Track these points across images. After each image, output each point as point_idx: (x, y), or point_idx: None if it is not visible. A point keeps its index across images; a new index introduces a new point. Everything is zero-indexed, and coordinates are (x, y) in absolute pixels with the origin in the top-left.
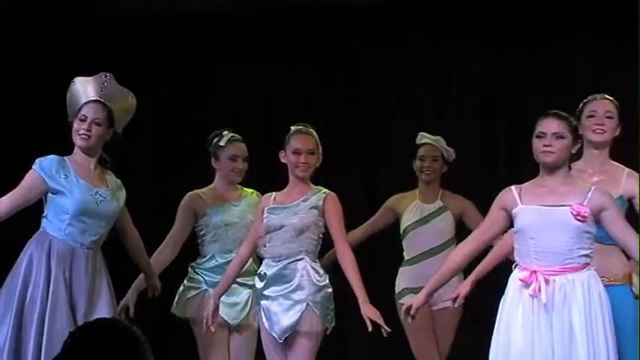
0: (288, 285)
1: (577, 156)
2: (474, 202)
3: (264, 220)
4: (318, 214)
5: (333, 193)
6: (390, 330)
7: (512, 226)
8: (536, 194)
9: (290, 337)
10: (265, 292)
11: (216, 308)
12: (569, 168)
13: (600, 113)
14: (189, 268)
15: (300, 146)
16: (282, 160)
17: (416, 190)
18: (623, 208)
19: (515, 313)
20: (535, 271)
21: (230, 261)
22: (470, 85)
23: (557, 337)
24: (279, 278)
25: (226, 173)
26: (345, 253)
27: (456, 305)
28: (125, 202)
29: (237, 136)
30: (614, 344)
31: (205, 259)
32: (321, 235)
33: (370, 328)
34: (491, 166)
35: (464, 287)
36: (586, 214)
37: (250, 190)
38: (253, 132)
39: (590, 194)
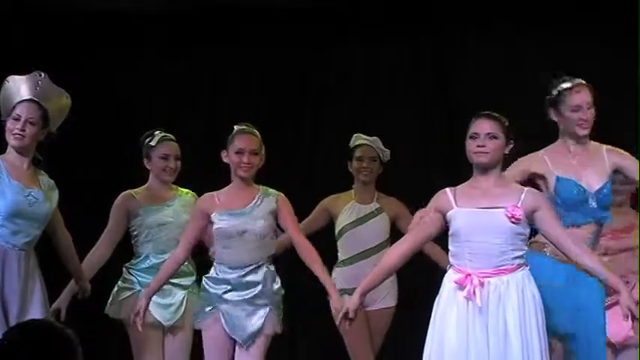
0: (251, 291)
1: (511, 157)
2: (411, 202)
3: (218, 225)
4: (274, 217)
5: (282, 194)
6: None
7: (447, 228)
8: (471, 196)
9: None
10: (225, 297)
11: (146, 308)
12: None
13: (584, 106)
14: (124, 269)
15: (243, 146)
16: (225, 160)
17: (351, 190)
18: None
19: (449, 314)
20: (469, 274)
21: (164, 261)
22: (407, 85)
23: (492, 338)
24: (242, 284)
25: (158, 172)
26: (313, 257)
27: None
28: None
29: (169, 135)
30: (547, 343)
31: (139, 259)
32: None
33: (338, 322)
34: (430, 166)
35: None
36: (520, 216)
37: (185, 190)
38: (193, 132)
39: (523, 195)
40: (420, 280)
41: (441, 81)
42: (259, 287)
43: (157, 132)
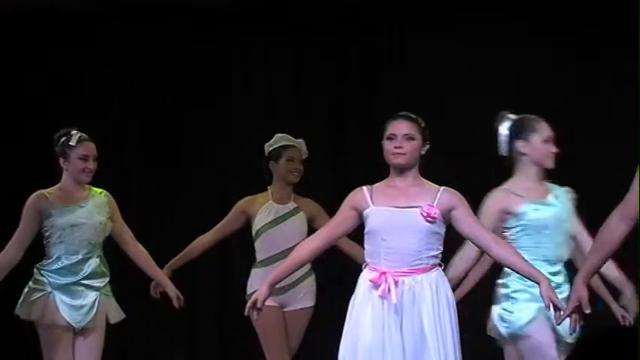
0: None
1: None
2: (323, 201)
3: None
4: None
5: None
6: None
7: (362, 226)
8: (387, 195)
9: None
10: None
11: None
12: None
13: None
14: (35, 270)
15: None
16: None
17: (267, 191)
18: None
19: (364, 312)
20: (385, 273)
21: (76, 262)
22: (320, 85)
23: (407, 337)
24: None
25: (76, 173)
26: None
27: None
28: None
29: (85, 135)
30: (459, 343)
31: (50, 260)
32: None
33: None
34: (341, 167)
35: None
36: (436, 215)
37: (99, 190)
38: (106, 131)
39: (439, 195)
40: (336, 279)
41: (355, 82)
42: None
43: (74, 132)
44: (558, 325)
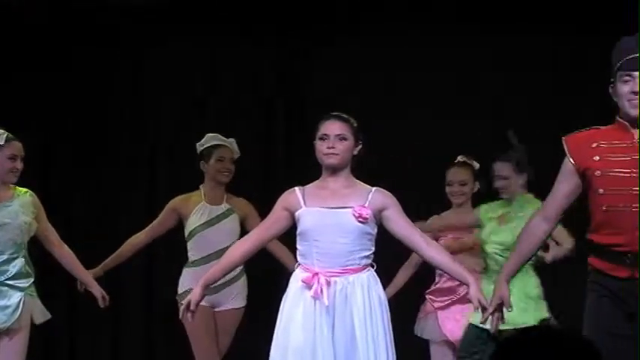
0: None
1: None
2: (253, 202)
3: None
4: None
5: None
6: None
7: (294, 226)
8: (319, 196)
9: None
10: None
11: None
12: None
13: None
14: None
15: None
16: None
17: (199, 191)
18: None
19: (295, 312)
20: (317, 273)
21: (1, 263)
22: (250, 85)
23: (338, 338)
24: None
25: (4, 173)
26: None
27: None
28: None
29: (11, 135)
30: (393, 344)
31: None
32: None
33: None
34: (271, 167)
35: None
36: (367, 216)
37: (24, 190)
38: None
39: (370, 195)
40: (267, 280)
41: (280, 81)
42: None
43: (1, 131)
44: (482, 324)
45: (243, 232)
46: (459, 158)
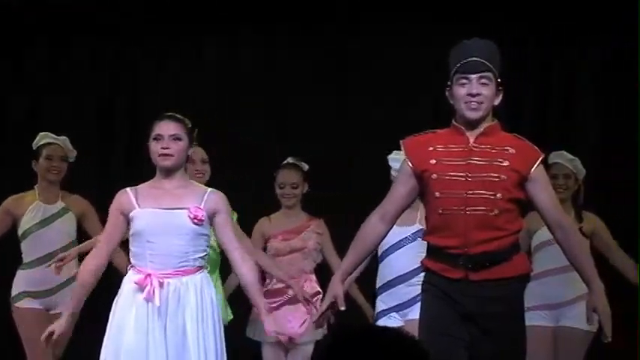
0: None
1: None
2: (90, 201)
3: None
4: None
5: None
6: None
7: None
8: (153, 196)
9: None
10: None
11: None
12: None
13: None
14: None
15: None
16: None
17: (34, 190)
18: None
19: (127, 315)
20: (150, 275)
21: None
22: (87, 85)
23: (170, 339)
24: None
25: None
26: None
27: None
28: None
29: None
30: (223, 347)
31: None
32: None
33: None
34: (108, 166)
35: None
36: (202, 217)
37: None
38: None
39: (206, 196)
40: (102, 281)
41: (117, 81)
42: None
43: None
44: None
45: (80, 230)
46: (289, 160)
